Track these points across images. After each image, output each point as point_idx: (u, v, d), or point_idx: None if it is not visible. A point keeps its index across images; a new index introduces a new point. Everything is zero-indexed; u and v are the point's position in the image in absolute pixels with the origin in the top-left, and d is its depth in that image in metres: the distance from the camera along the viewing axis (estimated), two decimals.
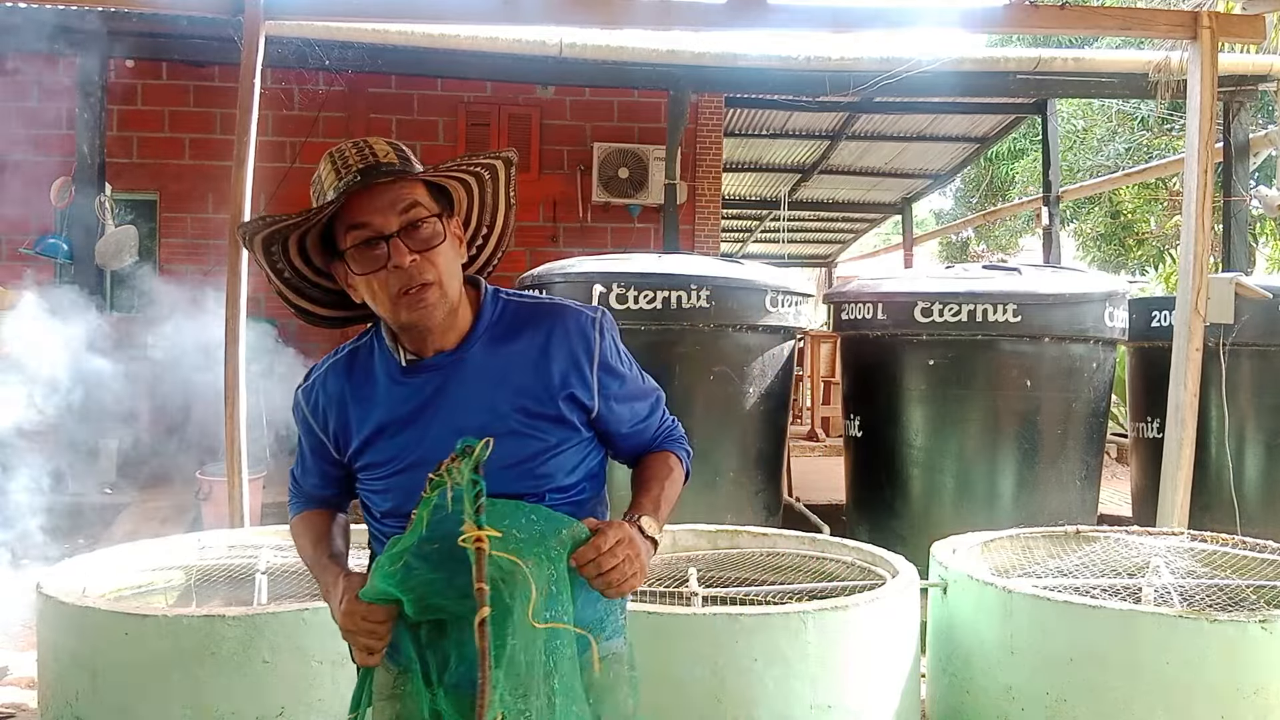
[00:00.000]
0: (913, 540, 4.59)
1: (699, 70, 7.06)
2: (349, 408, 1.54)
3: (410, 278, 1.41)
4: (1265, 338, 5.01)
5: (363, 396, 1.53)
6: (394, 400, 1.50)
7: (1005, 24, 5.00)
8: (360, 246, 1.42)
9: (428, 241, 1.43)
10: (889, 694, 2.62)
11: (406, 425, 1.49)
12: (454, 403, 1.48)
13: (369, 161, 1.42)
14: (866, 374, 5.48)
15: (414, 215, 1.43)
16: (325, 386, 1.57)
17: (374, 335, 1.57)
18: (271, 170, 7.76)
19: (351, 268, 1.44)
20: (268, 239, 1.49)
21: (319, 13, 5.12)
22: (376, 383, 1.53)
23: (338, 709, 2.43)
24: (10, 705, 3.42)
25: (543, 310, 1.55)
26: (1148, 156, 12.87)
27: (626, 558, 1.36)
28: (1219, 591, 2.95)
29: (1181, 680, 2.46)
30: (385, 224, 1.41)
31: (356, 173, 1.41)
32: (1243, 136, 7.29)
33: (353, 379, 1.55)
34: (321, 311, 1.60)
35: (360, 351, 1.58)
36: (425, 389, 1.49)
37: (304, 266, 1.54)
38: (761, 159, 11.26)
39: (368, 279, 1.43)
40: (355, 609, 1.43)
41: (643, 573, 1.39)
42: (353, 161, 1.43)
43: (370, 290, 1.44)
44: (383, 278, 1.42)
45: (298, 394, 1.61)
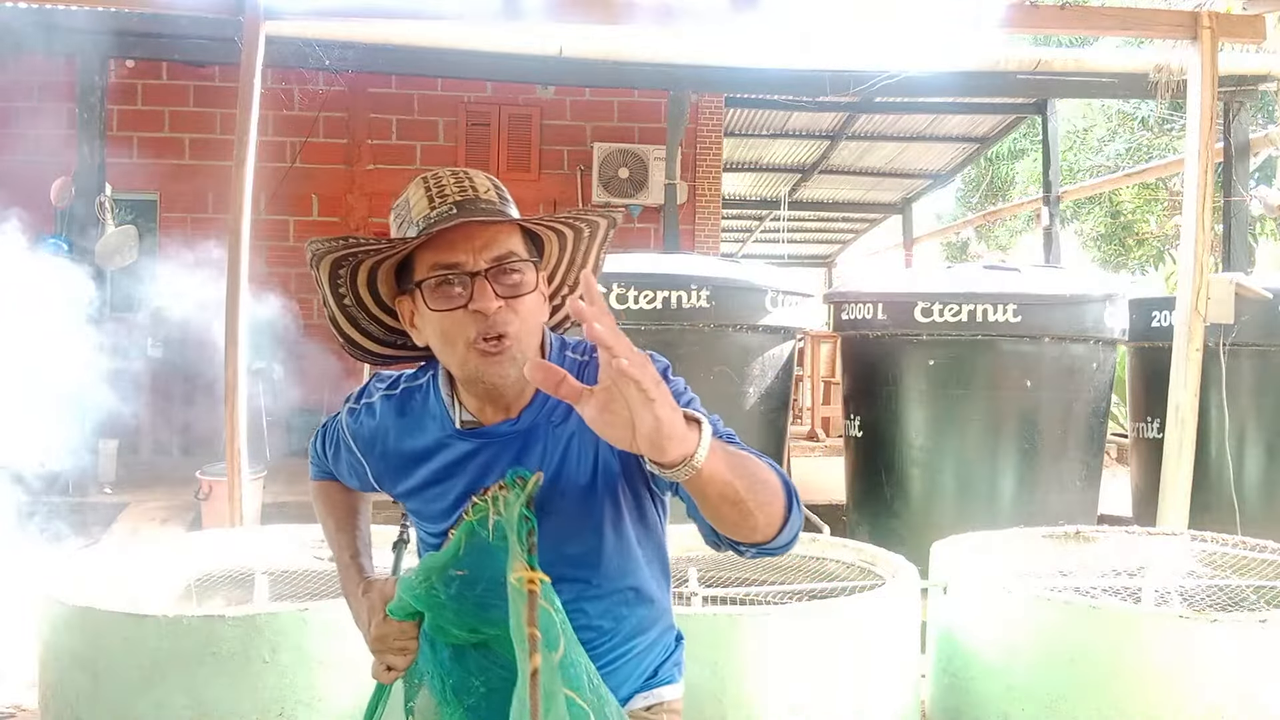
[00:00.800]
0: (913, 540, 4.59)
1: (699, 70, 7.06)
2: (391, 453, 1.44)
3: (490, 325, 1.27)
4: (1265, 338, 5.01)
5: (409, 445, 1.42)
6: (443, 462, 1.39)
7: (1005, 24, 5.00)
8: (440, 281, 1.28)
9: (516, 288, 1.29)
10: (889, 694, 2.62)
11: (455, 492, 1.38)
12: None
13: (467, 195, 1.31)
14: (866, 374, 5.48)
15: (505, 258, 1.29)
16: (374, 417, 1.46)
17: (431, 379, 1.44)
18: (271, 170, 7.78)
19: (426, 302, 1.29)
20: (338, 261, 1.35)
21: (319, 13, 5.12)
22: (425, 434, 1.41)
23: (338, 709, 2.43)
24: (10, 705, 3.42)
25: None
26: (1148, 156, 12.87)
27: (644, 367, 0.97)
28: (1219, 592, 2.95)
29: (1182, 681, 2.45)
30: (474, 262, 1.27)
31: (452, 205, 1.29)
32: (1243, 136, 7.29)
33: (402, 422, 1.43)
34: (371, 346, 1.48)
35: (416, 394, 1.45)
36: (478, 458, 1.37)
37: (368, 296, 1.41)
38: (761, 159, 11.26)
39: (441, 317, 1.28)
40: (387, 630, 1.37)
41: (661, 406, 0.98)
42: (449, 192, 1.31)
43: (440, 332, 1.30)
44: (458, 319, 1.27)
45: (343, 412, 1.51)
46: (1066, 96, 9.04)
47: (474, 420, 1.38)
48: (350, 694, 2.43)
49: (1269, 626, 2.45)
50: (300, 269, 8.60)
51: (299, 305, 8.63)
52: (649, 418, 0.98)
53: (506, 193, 1.36)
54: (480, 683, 1.36)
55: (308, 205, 8.82)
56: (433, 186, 1.33)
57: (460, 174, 1.34)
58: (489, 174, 1.37)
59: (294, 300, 8.50)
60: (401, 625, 1.37)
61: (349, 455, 1.51)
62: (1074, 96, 10.00)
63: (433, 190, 1.32)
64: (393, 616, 1.37)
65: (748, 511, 1.12)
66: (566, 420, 1.35)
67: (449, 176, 1.34)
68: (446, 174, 1.34)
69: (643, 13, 4.89)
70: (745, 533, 1.16)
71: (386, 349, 1.49)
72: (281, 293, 8.18)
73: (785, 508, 1.18)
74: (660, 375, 1.26)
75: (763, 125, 9.94)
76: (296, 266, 8.57)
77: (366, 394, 1.49)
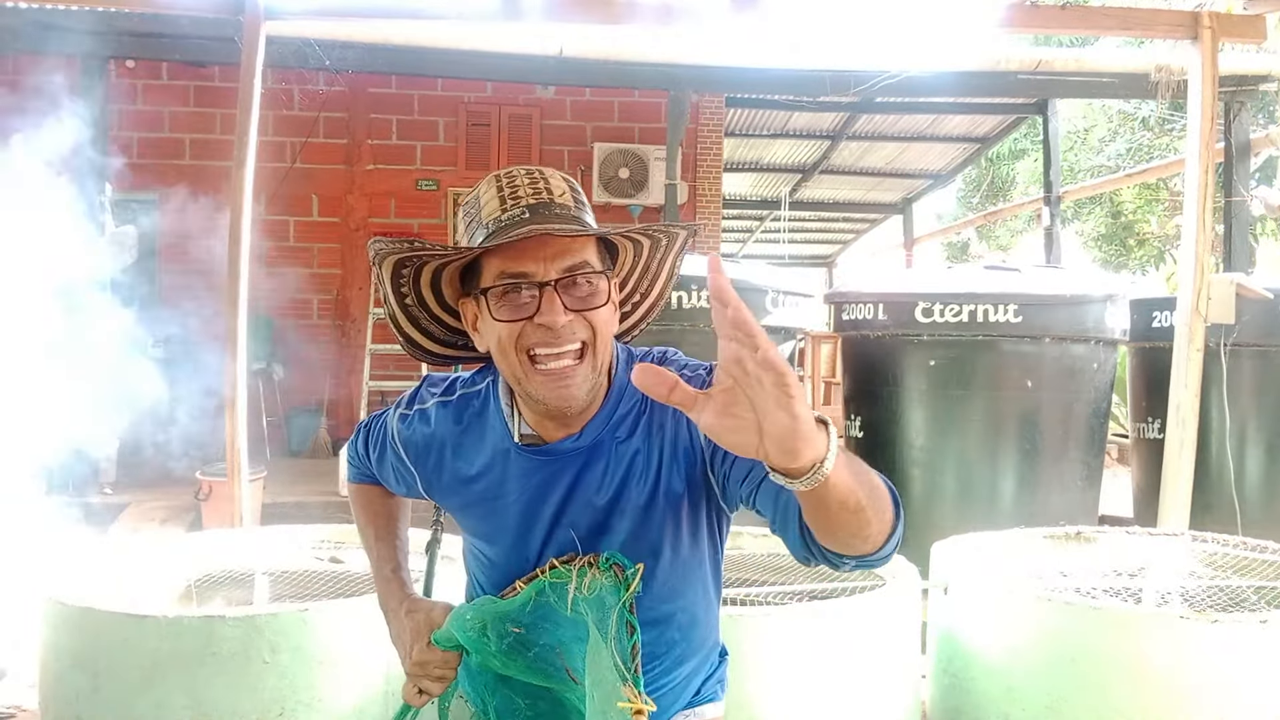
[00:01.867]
0: (913, 540, 4.56)
1: (699, 70, 7.06)
2: (445, 464, 1.37)
3: (558, 338, 1.20)
4: (1266, 338, 5.01)
5: (465, 458, 1.35)
6: (500, 477, 1.32)
7: (1005, 24, 4.99)
8: (507, 290, 1.21)
9: (588, 300, 1.22)
10: (890, 694, 2.62)
11: (513, 509, 1.32)
12: (575, 499, 1.29)
13: (541, 198, 1.23)
14: (867, 374, 5.47)
15: (578, 269, 1.21)
16: (428, 424, 1.39)
17: (490, 387, 1.37)
18: (271, 170, 7.78)
19: (490, 310, 1.22)
20: (402, 261, 1.29)
21: (319, 13, 5.12)
22: (483, 446, 1.34)
23: (338, 709, 2.43)
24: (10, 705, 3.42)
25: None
26: (1149, 157, 12.87)
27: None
28: (1220, 592, 2.94)
29: (1183, 681, 2.45)
30: (544, 271, 1.20)
31: (525, 209, 1.22)
32: (1243, 136, 7.28)
33: (458, 431, 1.36)
34: (432, 347, 1.42)
35: (473, 401, 1.37)
36: (540, 476, 1.30)
37: (431, 296, 1.35)
38: (762, 159, 11.26)
39: (505, 328, 1.21)
40: (429, 658, 1.32)
41: (800, 403, 0.86)
42: (523, 194, 1.23)
43: (500, 344, 1.23)
44: (521, 330, 1.20)
45: (393, 417, 1.44)
46: (1067, 96, 9.03)
47: (534, 435, 1.31)
48: (350, 694, 2.43)
49: (1269, 627, 2.45)
50: (300, 269, 8.61)
51: (299, 306, 8.65)
52: (784, 418, 0.85)
53: (583, 196, 1.29)
54: (526, 705, 1.31)
55: (308, 205, 8.82)
56: (505, 187, 1.25)
57: (535, 174, 1.26)
58: (566, 174, 1.30)
59: (294, 301, 8.51)
60: (445, 655, 1.32)
61: (396, 462, 1.44)
62: (1074, 96, 10.00)
63: (505, 191, 1.24)
64: (438, 646, 1.32)
65: (866, 520, 1.03)
66: (631, 437, 1.29)
67: (523, 176, 1.26)
68: (521, 174, 1.26)
69: (643, 13, 4.89)
70: (858, 544, 1.06)
71: (447, 349, 1.43)
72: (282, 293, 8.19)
73: (894, 515, 1.10)
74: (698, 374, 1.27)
75: (763, 125, 9.93)
76: (297, 267, 8.57)
77: (419, 399, 1.42)
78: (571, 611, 1.17)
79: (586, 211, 1.27)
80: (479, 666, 1.31)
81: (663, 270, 1.40)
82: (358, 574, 3.02)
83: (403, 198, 8.91)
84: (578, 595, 1.17)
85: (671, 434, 1.28)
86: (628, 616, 1.16)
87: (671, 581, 1.31)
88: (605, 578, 1.17)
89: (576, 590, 1.17)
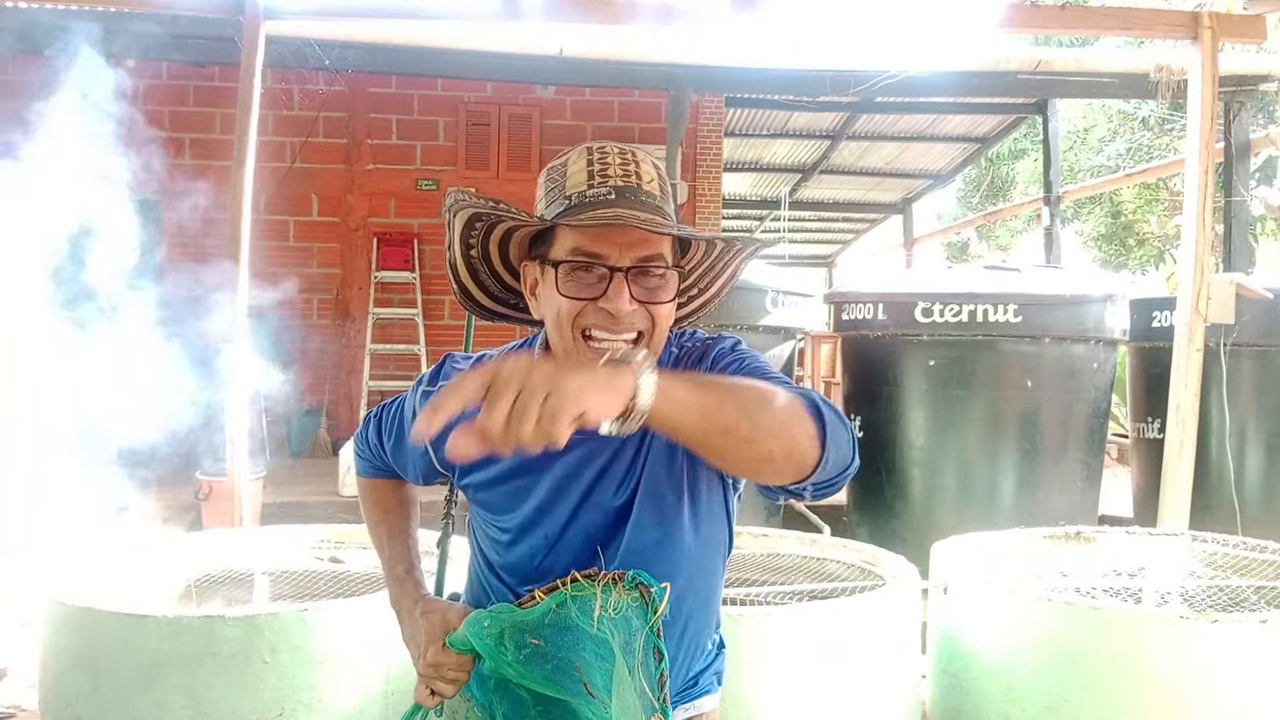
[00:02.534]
0: (913, 541, 4.59)
1: (699, 70, 7.06)
2: None
3: (618, 324, 1.20)
4: (1266, 338, 5.01)
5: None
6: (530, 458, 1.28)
7: (1005, 24, 4.99)
8: (578, 267, 1.20)
9: (655, 293, 1.22)
10: (890, 695, 2.62)
11: (540, 487, 1.31)
12: (605, 480, 1.29)
13: (630, 181, 1.22)
14: (867, 374, 5.47)
15: (652, 259, 1.21)
16: None
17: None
18: (271, 170, 7.78)
19: (558, 283, 1.21)
20: (476, 215, 1.28)
21: (319, 13, 5.12)
22: None
23: (338, 709, 2.43)
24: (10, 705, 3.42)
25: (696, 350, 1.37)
26: (1148, 157, 12.87)
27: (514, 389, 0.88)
28: (1220, 592, 2.94)
29: (1182, 681, 2.45)
30: (619, 256, 1.19)
31: (611, 189, 1.21)
32: (1243, 136, 7.28)
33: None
34: (483, 300, 1.41)
35: None
36: (574, 455, 1.29)
37: (496, 253, 1.35)
38: (762, 159, 11.26)
39: (568, 303, 1.21)
40: (444, 660, 1.30)
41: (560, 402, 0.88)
42: (613, 173, 1.22)
43: (557, 317, 1.22)
44: (582, 309, 1.20)
45: (417, 392, 1.43)
46: (1067, 96, 9.03)
47: None
48: (350, 694, 2.43)
49: (1269, 627, 2.45)
50: (301, 268, 8.61)
51: (300, 305, 8.64)
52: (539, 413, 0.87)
53: (668, 185, 1.29)
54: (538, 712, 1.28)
55: (308, 205, 8.82)
56: (595, 162, 1.24)
57: (627, 154, 1.25)
58: (656, 160, 1.28)
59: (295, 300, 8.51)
60: (460, 658, 1.30)
61: (420, 443, 1.40)
62: (1074, 96, 10.00)
63: (595, 165, 1.23)
64: (453, 648, 1.30)
65: (747, 440, 1.00)
66: None
67: (615, 154, 1.25)
68: (614, 151, 1.25)
69: (643, 13, 4.89)
70: (767, 470, 1.05)
71: (499, 306, 1.42)
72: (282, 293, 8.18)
73: (815, 432, 1.05)
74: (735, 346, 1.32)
75: (763, 125, 9.94)
76: (297, 266, 8.57)
77: (444, 374, 1.41)
78: (595, 628, 1.16)
79: (669, 202, 1.27)
80: (491, 672, 1.29)
81: (725, 271, 1.41)
82: (358, 574, 3.02)
83: (403, 197, 8.91)
84: (603, 614, 1.15)
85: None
86: (655, 642, 1.15)
87: (694, 557, 1.32)
88: (630, 597, 1.15)
89: (602, 609, 1.16)
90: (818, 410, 1.08)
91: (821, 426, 1.06)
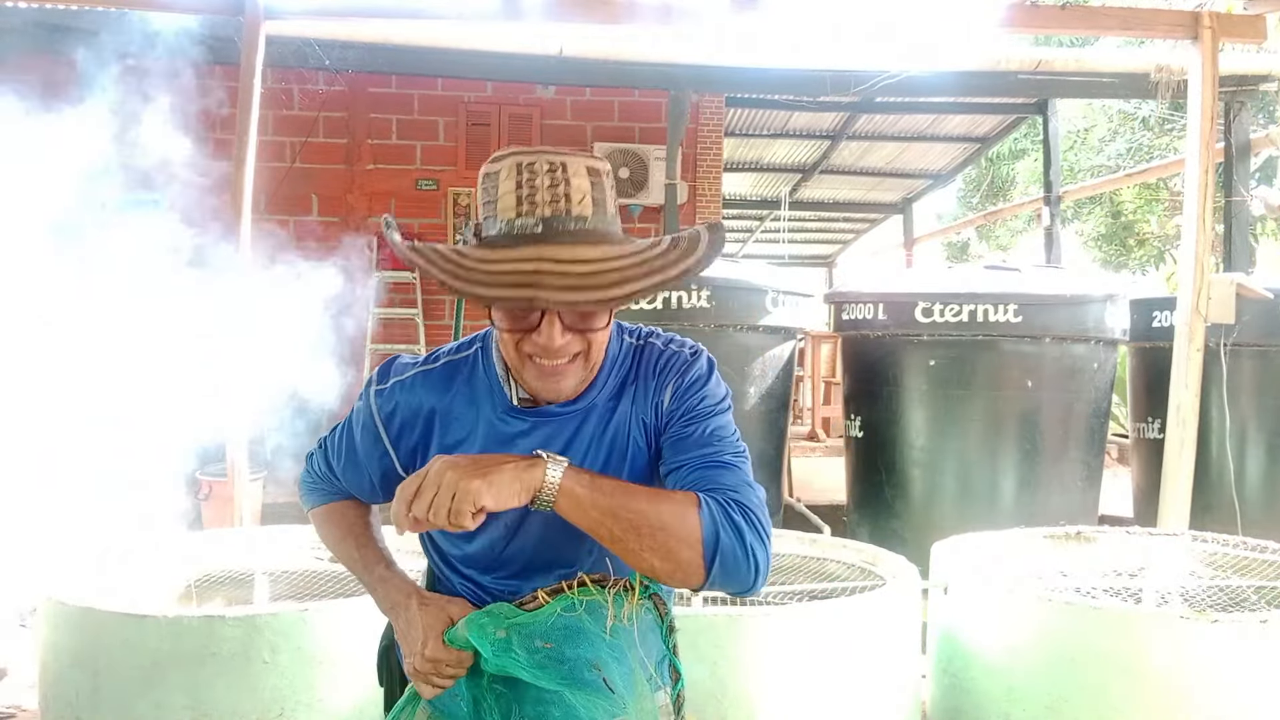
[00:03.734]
0: (913, 541, 4.59)
1: (699, 70, 7.06)
2: (434, 431, 1.36)
3: (555, 353, 1.22)
4: (1266, 338, 5.01)
5: (456, 424, 1.34)
6: (494, 440, 1.32)
7: (1005, 24, 4.99)
8: (510, 304, 1.20)
9: (589, 320, 1.23)
10: (890, 695, 2.62)
11: None
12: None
13: (558, 208, 1.17)
14: (867, 374, 5.47)
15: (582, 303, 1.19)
16: (409, 396, 1.37)
17: (480, 353, 1.37)
18: (271, 170, 7.78)
19: (492, 315, 1.24)
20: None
21: (319, 13, 5.12)
22: (478, 410, 1.34)
23: (337, 709, 2.43)
24: (10, 705, 3.42)
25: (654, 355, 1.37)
26: (1149, 156, 12.87)
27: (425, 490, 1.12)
28: (1220, 592, 2.95)
29: (1182, 681, 2.45)
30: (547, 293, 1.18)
31: (539, 221, 1.17)
32: (1244, 136, 7.28)
33: (448, 398, 1.35)
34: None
35: (461, 368, 1.37)
36: (534, 439, 1.31)
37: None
38: (762, 159, 11.26)
39: (504, 334, 1.25)
40: (443, 656, 1.28)
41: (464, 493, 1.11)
42: (540, 198, 1.17)
43: (499, 337, 1.27)
44: (520, 338, 1.23)
45: (369, 392, 1.41)
46: (1067, 96, 9.03)
47: (529, 399, 1.32)
48: (350, 694, 2.43)
49: (1269, 627, 2.45)
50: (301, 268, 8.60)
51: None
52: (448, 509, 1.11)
53: (608, 189, 1.23)
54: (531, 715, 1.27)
55: (308, 205, 8.82)
56: (524, 184, 1.18)
57: (556, 170, 1.19)
58: (594, 165, 1.22)
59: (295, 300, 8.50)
60: (460, 654, 1.28)
61: (371, 450, 1.41)
62: (1075, 96, 10.00)
63: (524, 189, 1.18)
64: (453, 645, 1.29)
65: (633, 551, 1.15)
66: (618, 402, 1.34)
67: (545, 174, 1.18)
68: (543, 170, 1.19)
69: (643, 13, 4.89)
70: (650, 575, 1.17)
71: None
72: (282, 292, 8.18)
73: (701, 562, 1.15)
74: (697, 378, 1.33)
75: (763, 125, 9.94)
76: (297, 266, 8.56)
77: (395, 371, 1.40)
78: (608, 634, 1.17)
79: (606, 214, 1.23)
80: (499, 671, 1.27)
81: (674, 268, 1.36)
82: None
83: (403, 197, 8.91)
84: (617, 624, 1.17)
85: (654, 401, 1.34)
86: (672, 660, 1.16)
87: None
88: (643, 607, 1.16)
89: (615, 619, 1.17)
90: (715, 539, 1.15)
91: (711, 555, 1.15)
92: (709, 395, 1.34)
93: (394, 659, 1.47)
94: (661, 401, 1.33)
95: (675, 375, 1.34)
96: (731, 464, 1.26)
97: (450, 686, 1.31)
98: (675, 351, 1.38)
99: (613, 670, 1.17)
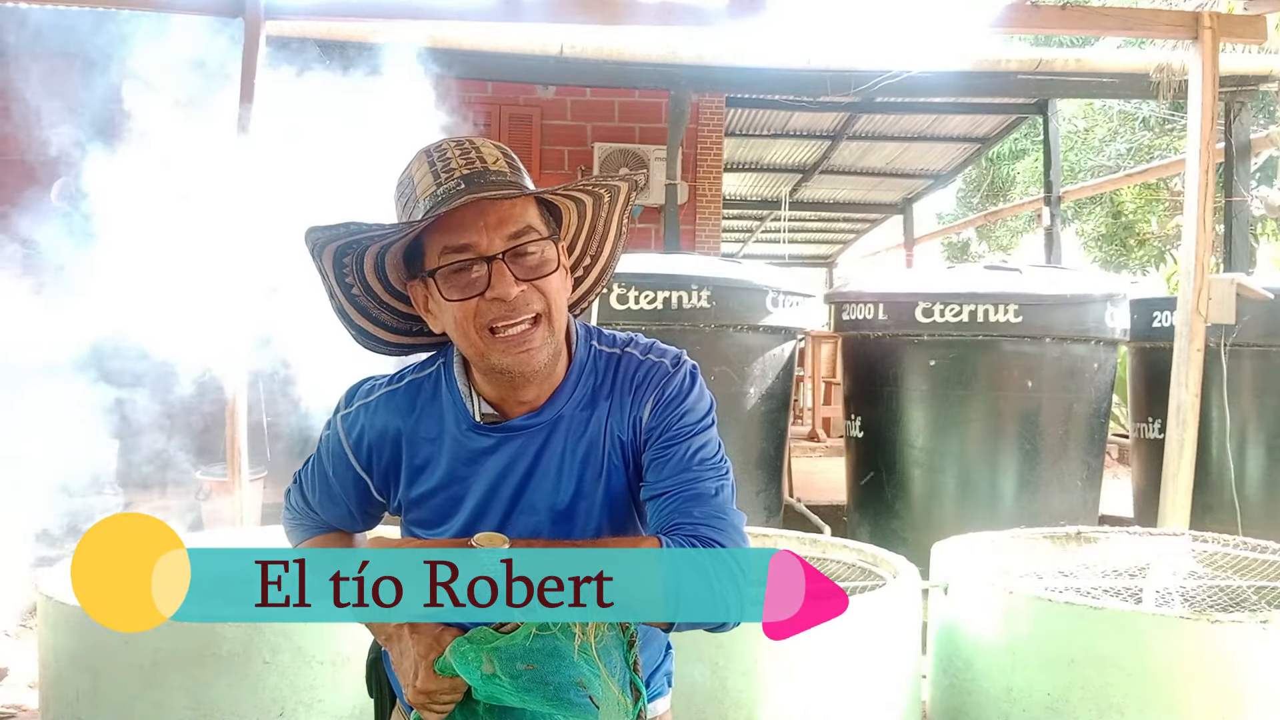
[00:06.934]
0: (914, 541, 4.59)
1: (700, 70, 7.06)
2: (403, 452, 1.32)
3: (513, 310, 1.19)
4: (1267, 338, 5.01)
5: (423, 443, 1.31)
6: (461, 458, 1.29)
7: (1005, 24, 5.00)
8: (455, 268, 1.19)
9: (538, 269, 1.20)
10: (890, 695, 2.61)
11: (473, 493, 1.28)
12: (535, 478, 1.27)
13: (475, 168, 1.19)
14: (867, 374, 5.47)
15: (522, 235, 1.19)
16: (374, 419, 1.33)
17: (442, 370, 1.33)
18: None
19: (440, 291, 1.20)
20: (342, 249, 1.24)
21: (319, 13, 5.12)
22: (443, 429, 1.30)
23: (337, 709, 2.43)
24: (10, 705, 3.42)
25: (632, 366, 1.31)
26: (1149, 157, 12.87)
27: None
28: (1220, 592, 2.94)
29: (1183, 681, 2.45)
30: (489, 244, 1.18)
31: (459, 180, 1.18)
32: (1244, 137, 7.28)
33: (413, 419, 1.31)
34: (386, 336, 1.37)
35: (424, 386, 1.33)
36: (501, 455, 1.27)
37: (377, 283, 1.31)
38: (762, 159, 11.26)
39: (457, 306, 1.19)
40: (436, 686, 1.24)
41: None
42: (455, 165, 1.19)
43: (456, 322, 1.21)
44: (475, 307, 1.19)
45: (335, 419, 1.37)
46: (1067, 96, 9.04)
47: (494, 414, 1.28)
48: (350, 694, 2.43)
49: (1270, 627, 2.44)
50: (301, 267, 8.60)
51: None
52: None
53: (518, 160, 1.26)
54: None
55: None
56: (437, 161, 1.21)
57: (466, 144, 1.22)
58: (498, 141, 1.27)
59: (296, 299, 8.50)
60: (453, 682, 1.25)
61: (345, 476, 1.37)
62: (1075, 96, 10.01)
63: (437, 165, 1.20)
64: (443, 674, 1.25)
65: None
66: (591, 413, 1.28)
67: (454, 148, 1.22)
68: (451, 145, 1.22)
69: (643, 13, 4.89)
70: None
71: (403, 337, 1.38)
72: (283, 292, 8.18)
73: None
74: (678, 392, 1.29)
75: (763, 125, 9.93)
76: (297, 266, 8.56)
77: (360, 394, 1.37)
78: (576, 655, 1.15)
79: (524, 176, 1.24)
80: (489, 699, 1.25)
81: (610, 229, 1.36)
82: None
83: None
84: (584, 643, 1.15)
85: (632, 417, 1.28)
86: (632, 677, 1.15)
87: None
88: (609, 629, 1.15)
89: (583, 636, 1.15)
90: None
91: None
92: (691, 411, 1.28)
93: (382, 670, 1.45)
94: (640, 417, 1.27)
95: (655, 389, 1.28)
96: (710, 493, 1.22)
97: (449, 712, 1.29)
98: (655, 362, 1.31)
99: (595, 688, 1.17)
